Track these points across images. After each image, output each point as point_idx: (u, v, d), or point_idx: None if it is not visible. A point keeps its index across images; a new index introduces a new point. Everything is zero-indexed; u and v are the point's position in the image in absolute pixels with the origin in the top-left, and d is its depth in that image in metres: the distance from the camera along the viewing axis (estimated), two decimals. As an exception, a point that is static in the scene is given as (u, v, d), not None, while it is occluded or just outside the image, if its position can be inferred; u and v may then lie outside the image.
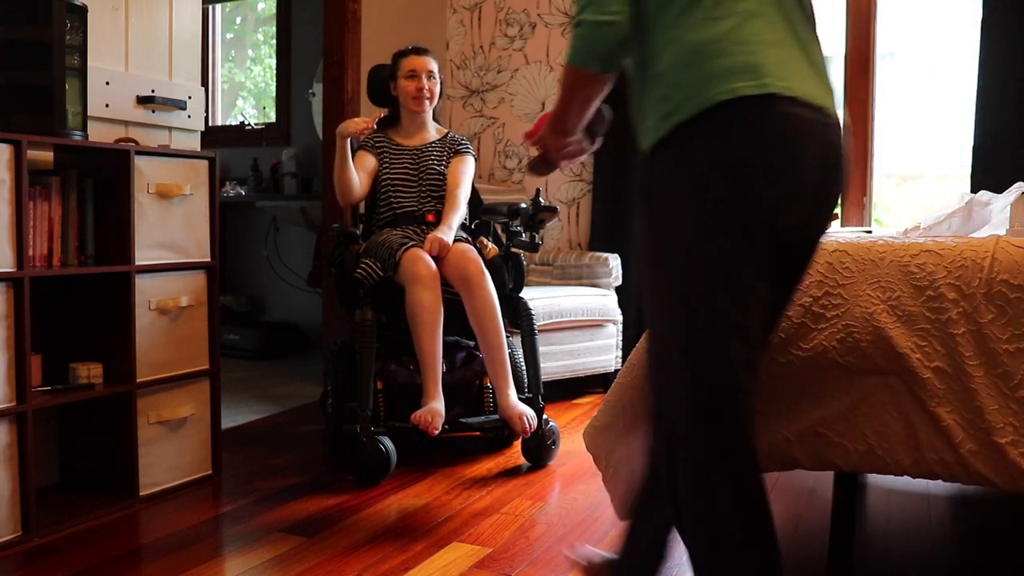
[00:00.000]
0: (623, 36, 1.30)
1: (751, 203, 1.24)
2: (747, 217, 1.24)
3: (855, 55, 3.90)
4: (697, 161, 1.26)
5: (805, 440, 1.55)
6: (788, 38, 1.29)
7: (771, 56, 1.25)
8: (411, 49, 2.98)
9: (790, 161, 1.25)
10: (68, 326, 2.44)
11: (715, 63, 1.25)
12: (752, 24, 1.27)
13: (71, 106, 2.23)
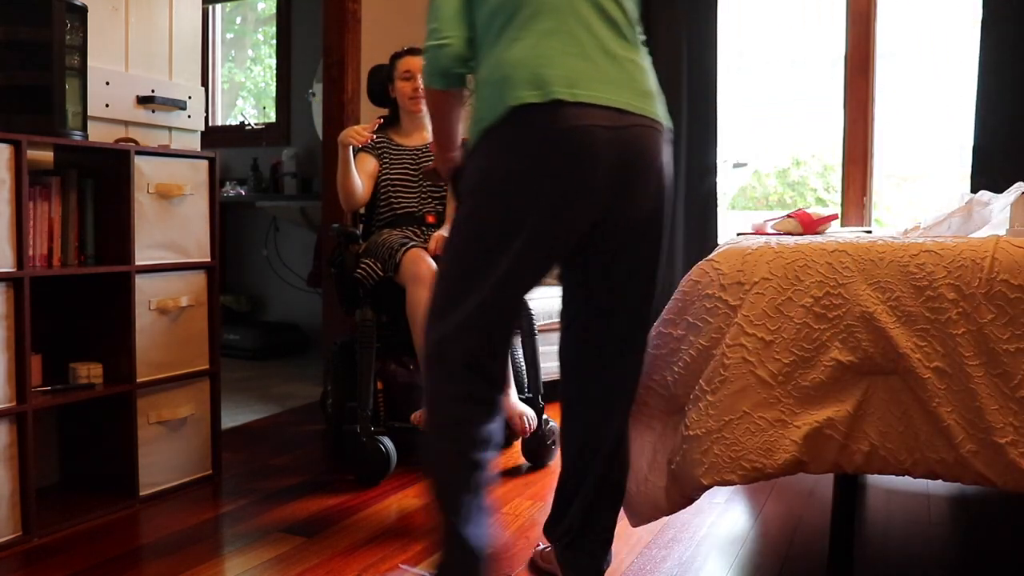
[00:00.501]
0: (457, 55, 1.56)
1: (540, 200, 1.46)
2: (536, 212, 1.46)
3: (855, 55, 3.90)
4: (496, 163, 1.48)
5: (811, 442, 1.55)
6: (589, 51, 1.49)
7: (562, 68, 1.46)
8: (407, 50, 2.97)
9: (575, 159, 1.44)
10: (68, 326, 2.44)
11: (511, 76, 1.47)
12: (548, 41, 1.48)
13: (71, 106, 2.23)
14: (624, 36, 1.56)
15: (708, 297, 1.67)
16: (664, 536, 2.14)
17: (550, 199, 1.46)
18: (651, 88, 1.58)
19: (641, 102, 1.52)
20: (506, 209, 1.48)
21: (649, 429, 1.77)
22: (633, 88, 1.52)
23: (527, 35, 1.48)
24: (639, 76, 1.55)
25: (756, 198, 5.49)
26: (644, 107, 1.52)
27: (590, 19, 1.51)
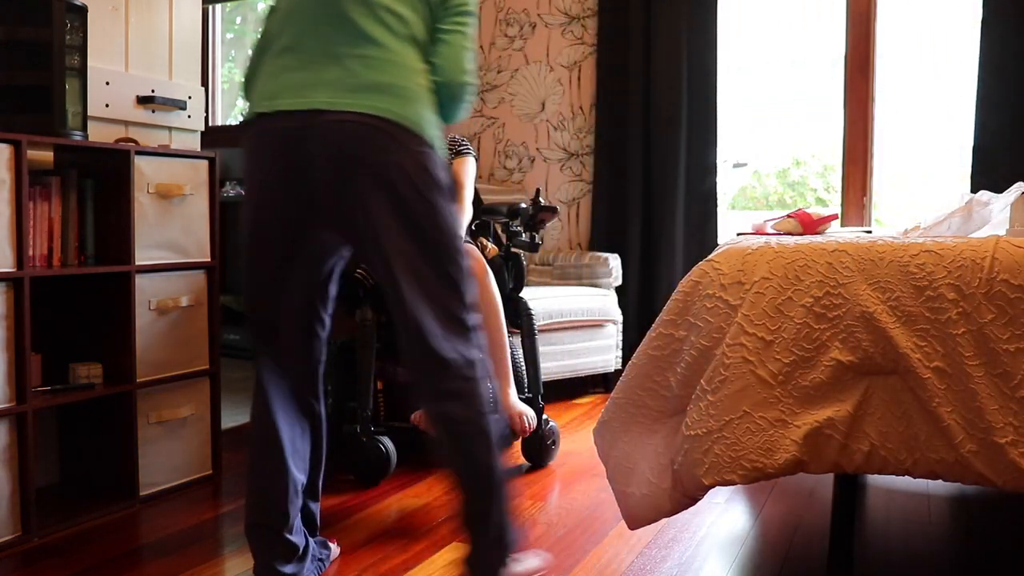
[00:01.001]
0: (244, 82, 1.78)
1: (247, 203, 1.69)
2: (248, 215, 1.69)
3: (855, 55, 3.90)
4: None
5: (811, 442, 1.55)
6: (311, 60, 1.65)
7: (273, 84, 1.66)
8: None
9: (258, 166, 1.66)
10: (68, 326, 2.44)
11: (249, 95, 1.74)
12: (280, 58, 1.68)
13: (71, 106, 2.23)
14: (362, 35, 1.65)
15: (708, 297, 1.67)
16: (664, 536, 2.14)
17: (255, 200, 1.69)
18: (373, 81, 1.64)
19: (348, 98, 1.62)
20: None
21: (650, 432, 1.77)
22: (343, 86, 1.63)
23: (273, 53, 1.70)
24: (362, 71, 1.64)
25: (756, 198, 5.50)
26: (352, 102, 1.62)
27: (323, 26, 1.66)
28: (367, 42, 1.65)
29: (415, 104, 1.65)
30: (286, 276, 1.72)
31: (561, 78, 4.35)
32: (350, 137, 1.61)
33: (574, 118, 4.33)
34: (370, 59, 1.65)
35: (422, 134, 1.65)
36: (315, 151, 1.61)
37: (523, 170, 4.45)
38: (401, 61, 1.67)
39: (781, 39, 4.74)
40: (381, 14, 1.66)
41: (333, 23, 1.66)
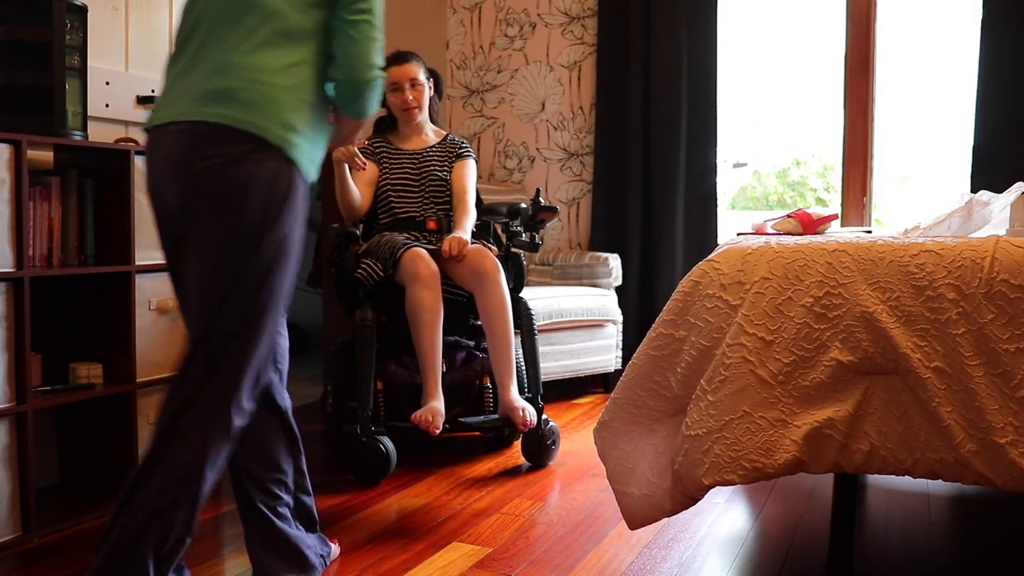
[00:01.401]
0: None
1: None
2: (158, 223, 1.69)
3: (855, 55, 3.90)
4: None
5: (811, 442, 1.55)
6: (189, 70, 1.61)
7: (163, 97, 1.64)
8: (391, 58, 2.90)
9: (147, 174, 1.64)
10: (68, 326, 2.44)
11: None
12: (173, 69, 1.65)
13: (71, 106, 2.23)
14: (222, 36, 1.60)
15: (708, 297, 1.67)
16: (664, 536, 2.14)
17: (153, 209, 1.69)
18: (221, 86, 1.56)
19: (194, 106, 1.56)
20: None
21: (650, 432, 1.77)
22: (194, 95, 1.57)
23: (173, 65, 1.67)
24: (216, 77, 1.57)
25: (756, 198, 5.50)
26: (194, 111, 1.56)
27: (204, 32, 1.62)
28: (223, 44, 1.59)
29: (263, 109, 1.55)
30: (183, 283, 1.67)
31: (561, 78, 4.35)
32: (177, 145, 1.56)
33: (574, 118, 4.33)
34: (220, 63, 1.58)
35: (266, 139, 1.54)
36: (159, 165, 1.60)
37: (523, 170, 4.45)
38: (255, 64, 1.57)
39: (781, 39, 4.74)
40: (243, 14, 1.58)
41: (202, 27, 1.62)
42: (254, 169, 1.53)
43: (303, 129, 1.60)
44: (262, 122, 1.54)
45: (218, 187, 1.53)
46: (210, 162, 1.53)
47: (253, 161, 1.54)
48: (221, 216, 1.54)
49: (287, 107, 1.57)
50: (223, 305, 1.55)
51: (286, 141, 1.56)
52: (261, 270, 1.56)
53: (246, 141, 1.53)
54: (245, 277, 1.55)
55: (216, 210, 1.54)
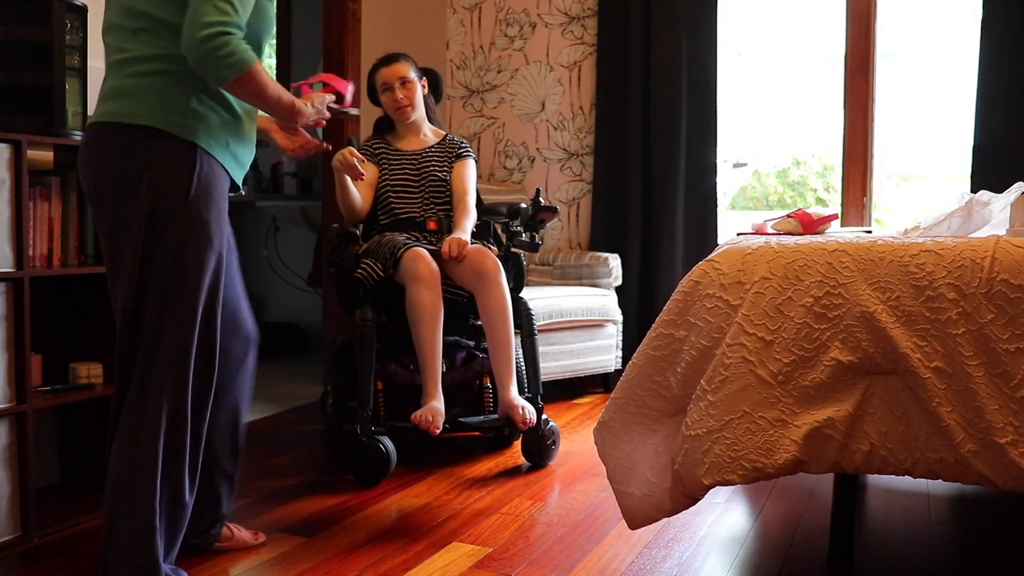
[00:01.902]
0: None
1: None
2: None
3: (855, 55, 3.90)
4: None
5: (811, 442, 1.55)
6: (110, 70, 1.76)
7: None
8: (380, 60, 2.95)
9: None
10: (68, 326, 2.44)
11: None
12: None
13: (71, 106, 2.23)
14: (115, 39, 1.74)
15: (708, 297, 1.67)
16: (664, 536, 2.14)
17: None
18: (110, 87, 1.74)
19: (97, 109, 1.75)
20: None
21: (650, 432, 1.77)
22: (100, 98, 1.76)
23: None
24: (110, 79, 1.75)
25: (756, 198, 5.50)
26: (96, 113, 1.75)
27: (111, 35, 1.76)
28: (115, 47, 1.75)
29: (135, 99, 1.69)
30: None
31: (561, 78, 4.35)
32: (82, 147, 1.76)
33: (574, 118, 4.33)
34: (112, 64, 1.75)
35: (140, 126, 1.68)
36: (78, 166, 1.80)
37: (523, 170, 4.45)
38: (126, 57, 1.71)
39: (781, 39, 4.74)
40: (117, 15, 1.73)
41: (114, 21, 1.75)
42: (146, 154, 1.68)
43: (199, 111, 1.71)
44: (135, 111, 1.69)
45: (114, 173, 1.70)
46: (97, 159, 1.72)
47: (145, 147, 1.68)
48: (119, 201, 1.70)
49: (162, 94, 1.69)
50: (139, 285, 1.70)
51: (175, 125, 1.69)
52: (168, 250, 1.69)
53: (137, 131, 1.68)
54: (151, 258, 1.69)
55: (113, 195, 1.70)
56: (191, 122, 1.70)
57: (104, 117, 1.71)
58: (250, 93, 1.75)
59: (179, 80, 1.70)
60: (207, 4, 1.61)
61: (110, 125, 1.70)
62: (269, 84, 1.77)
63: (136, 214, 1.68)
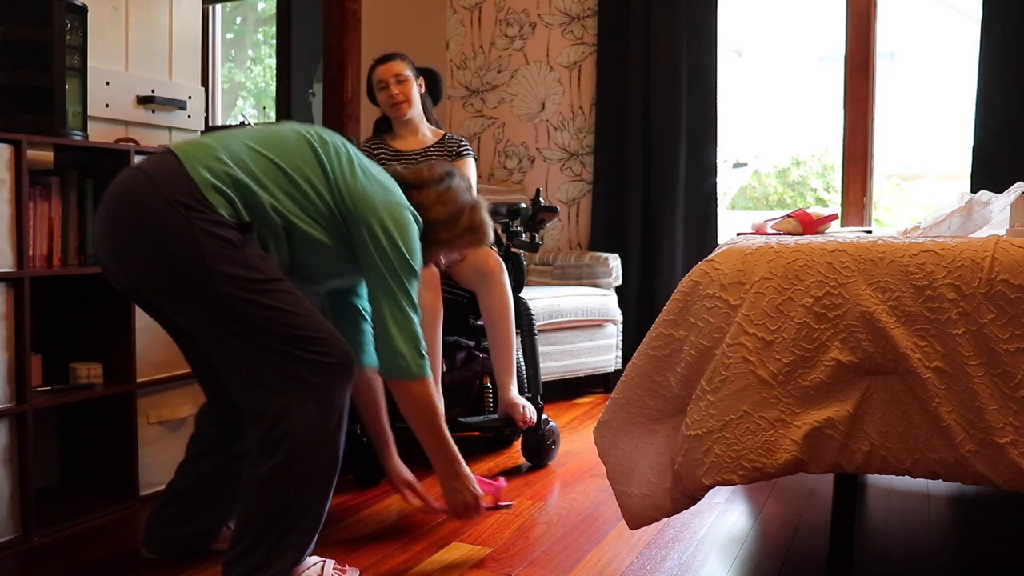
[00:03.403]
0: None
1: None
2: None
3: (855, 55, 3.90)
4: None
5: (811, 442, 1.55)
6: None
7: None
8: (376, 60, 2.98)
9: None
10: (68, 326, 2.44)
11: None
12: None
13: (71, 106, 2.23)
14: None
15: (708, 297, 1.67)
16: (664, 536, 2.14)
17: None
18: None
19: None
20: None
21: (651, 432, 1.77)
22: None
23: None
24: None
25: (756, 198, 5.50)
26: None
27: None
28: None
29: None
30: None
31: (561, 78, 4.35)
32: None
33: (574, 118, 4.33)
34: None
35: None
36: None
37: (523, 170, 4.45)
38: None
39: (781, 39, 4.74)
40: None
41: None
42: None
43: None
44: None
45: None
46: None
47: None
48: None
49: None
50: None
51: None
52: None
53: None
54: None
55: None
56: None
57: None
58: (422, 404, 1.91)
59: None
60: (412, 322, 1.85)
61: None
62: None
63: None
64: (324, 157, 1.82)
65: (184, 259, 1.64)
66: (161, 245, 1.65)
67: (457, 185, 2.05)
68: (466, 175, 2.94)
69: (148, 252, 1.66)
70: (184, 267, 1.64)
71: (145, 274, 1.69)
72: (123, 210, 1.70)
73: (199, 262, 1.63)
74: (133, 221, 1.68)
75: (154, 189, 1.67)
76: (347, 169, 1.83)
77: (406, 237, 1.84)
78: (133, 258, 1.69)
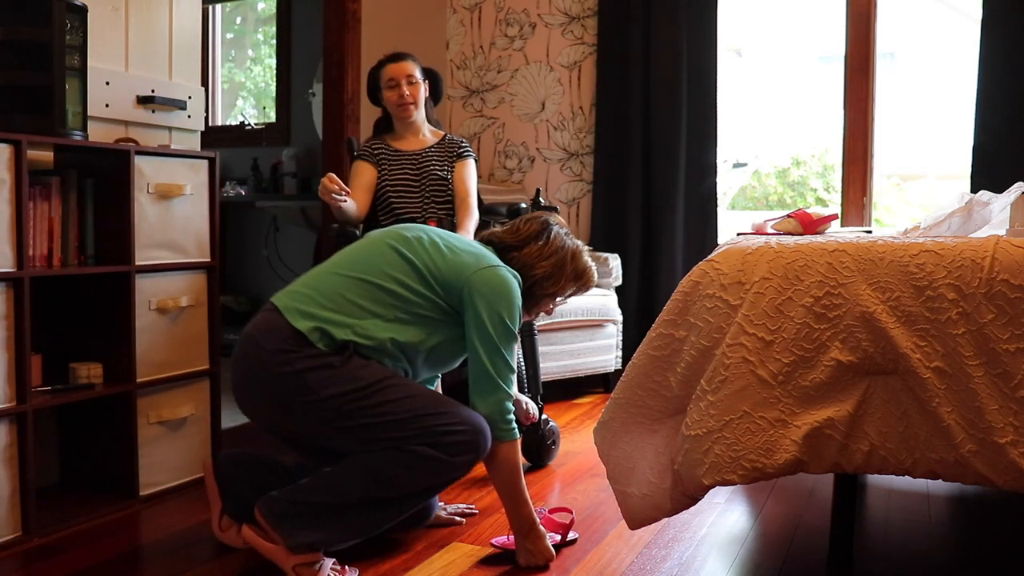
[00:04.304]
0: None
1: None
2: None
3: (855, 55, 3.90)
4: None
5: (810, 442, 1.55)
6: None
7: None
8: (387, 57, 2.94)
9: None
10: (68, 326, 2.44)
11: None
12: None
13: (71, 106, 2.22)
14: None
15: (708, 297, 1.67)
16: (664, 536, 2.14)
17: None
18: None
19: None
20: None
21: (650, 432, 1.77)
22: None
23: None
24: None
25: (756, 198, 5.50)
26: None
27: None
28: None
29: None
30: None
31: (561, 78, 4.35)
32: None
33: (574, 118, 4.33)
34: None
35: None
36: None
37: (523, 170, 4.45)
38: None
39: (781, 39, 4.74)
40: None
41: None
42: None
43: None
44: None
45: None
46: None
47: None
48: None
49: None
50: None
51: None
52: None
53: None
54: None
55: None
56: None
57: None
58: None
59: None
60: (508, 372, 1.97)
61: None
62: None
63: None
64: (408, 253, 1.97)
65: (298, 394, 1.83)
66: (277, 392, 1.85)
67: (556, 234, 2.14)
68: (467, 176, 2.94)
69: (270, 401, 1.88)
70: (300, 400, 1.84)
71: (279, 419, 1.91)
72: (242, 375, 1.92)
73: (311, 394, 1.82)
74: (252, 381, 1.90)
75: (259, 347, 1.87)
76: (433, 253, 1.97)
77: (505, 301, 1.94)
78: (263, 411, 1.92)
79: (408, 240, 2.00)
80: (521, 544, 1.96)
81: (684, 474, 1.64)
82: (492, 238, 2.12)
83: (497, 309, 1.92)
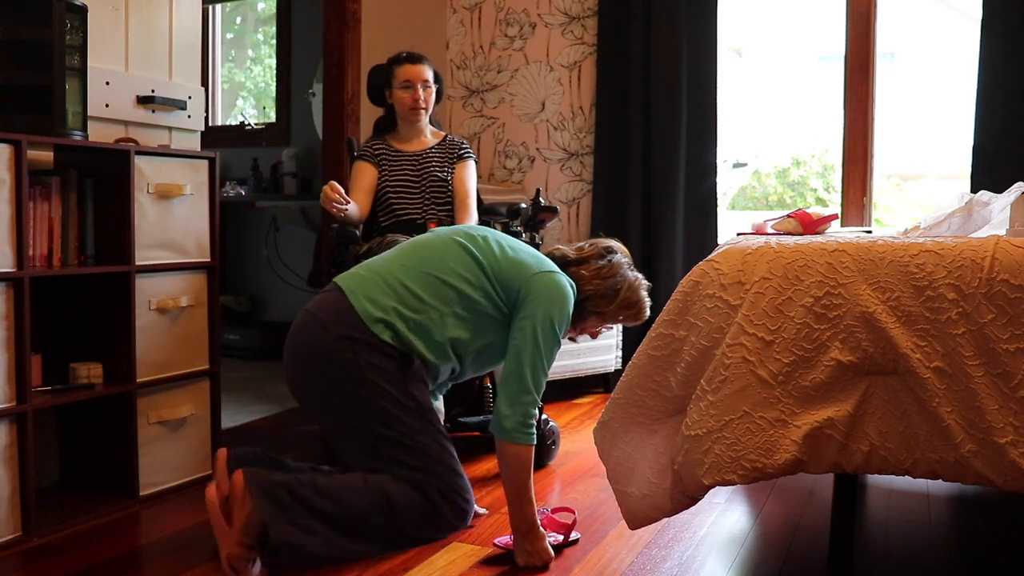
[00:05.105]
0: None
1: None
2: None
3: (855, 55, 3.90)
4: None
5: (810, 442, 1.55)
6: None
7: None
8: (405, 57, 2.93)
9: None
10: (68, 326, 2.44)
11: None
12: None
13: (71, 106, 2.23)
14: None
15: (708, 297, 1.67)
16: (664, 536, 2.14)
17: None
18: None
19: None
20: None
21: (650, 432, 1.77)
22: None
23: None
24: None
25: (756, 198, 5.50)
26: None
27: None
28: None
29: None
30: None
31: (561, 78, 4.35)
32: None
33: (574, 118, 4.33)
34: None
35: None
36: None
37: (523, 170, 4.45)
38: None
39: (782, 39, 4.74)
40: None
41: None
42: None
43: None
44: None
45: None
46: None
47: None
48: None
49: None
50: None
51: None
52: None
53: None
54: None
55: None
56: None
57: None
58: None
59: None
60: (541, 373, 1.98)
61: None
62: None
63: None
64: (473, 249, 2.06)
65: (349, 381, 1.96)
66: (329, 370, 1.97)
67: (617, 262, 2.17)
68: (467, 177, 2.94)
69: (320, 378, 2.00)
70: (349, 384, 1.96)
71: (321, 398, 2.03)
72: (296, 351, 2.04)
73: (359, 382, 1.95)
74: (308, 359, 2.01)
75: (324, 328, 1.98)
76: (496, 250, 2.07)
77: (558, 306, 1.99)
78: (311, 387, 2.04)
79: (475, 238, 2.10)
80: (519, 544, 1.96)
81: (684, 474, 1.64)
82: (555, 252, 2.18)
83: (549, 313, 1.97)
